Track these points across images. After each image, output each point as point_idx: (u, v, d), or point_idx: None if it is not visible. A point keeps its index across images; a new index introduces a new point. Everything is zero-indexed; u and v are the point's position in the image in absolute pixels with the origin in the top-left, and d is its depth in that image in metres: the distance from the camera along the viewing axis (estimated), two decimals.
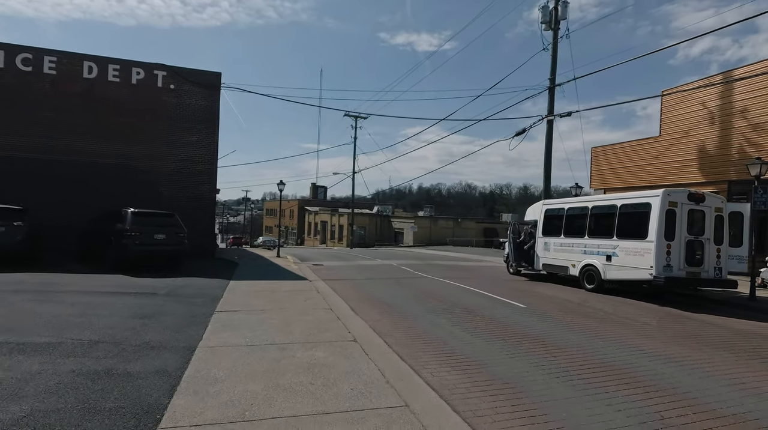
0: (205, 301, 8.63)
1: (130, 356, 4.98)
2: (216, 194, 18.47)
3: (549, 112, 19.98)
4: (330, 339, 6.20)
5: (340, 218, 55.16)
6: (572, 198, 14.03)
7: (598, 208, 12.62)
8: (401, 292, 11.22)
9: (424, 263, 19.89)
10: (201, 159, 17.42)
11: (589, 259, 12.45)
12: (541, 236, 14.66)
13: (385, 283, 12.95)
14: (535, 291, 12.06)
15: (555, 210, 14.41)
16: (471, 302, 9.84)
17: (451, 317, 8.22)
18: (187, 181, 17.26)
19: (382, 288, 11.85)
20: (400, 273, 15.64)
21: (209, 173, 17.56)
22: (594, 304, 10.16)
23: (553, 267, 14.00)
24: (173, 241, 12.56)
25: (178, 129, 17.09)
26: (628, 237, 11.33)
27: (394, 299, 10.05)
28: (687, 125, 17.08)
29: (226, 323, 6.90)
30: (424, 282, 13.29)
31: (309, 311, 8.08)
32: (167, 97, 16.93)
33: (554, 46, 19.89)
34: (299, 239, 67.90)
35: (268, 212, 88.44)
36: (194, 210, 17.29)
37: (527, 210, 16.30)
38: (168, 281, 10.97)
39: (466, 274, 16.22)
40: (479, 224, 55.03)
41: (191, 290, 9.76)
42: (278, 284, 11.61)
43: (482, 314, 8.59)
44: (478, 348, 6.18)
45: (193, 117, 17.27)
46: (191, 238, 16.17)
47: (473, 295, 10.98)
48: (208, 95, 17.43)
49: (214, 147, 17.58)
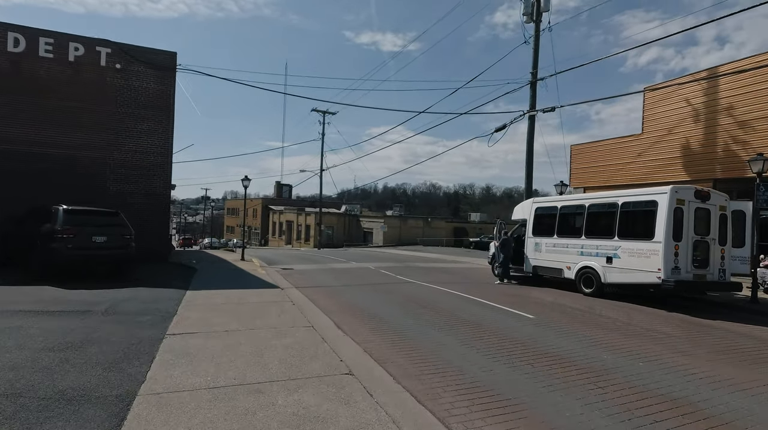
0: (153, 319, 6.95)
1: (30, 420, 3.37)
2: (171, 190, 16.43)
3: (531, 107, 19.25)
4: (319, 372, 4.79)
5: (307, 218, 53.13)
6: (566, 196, 13.24)
7: (595, 207, 11.80)
8: (388, 301, 9.89)
9: (403, 266, 18.66)
10: (153, 150, 15.34)
11: (586, 261, 11.61)
12: (532, 236, 13.75)
13: (367, 289, 11.58)
14: (531, 296, 11.06)
15: (547, 208, 13.54)
16: (470, 313, 8.65)
17: (456, 333, 6.98)
18: (138, 175, 15.16)
19: (366, 296, 10.47)
20: (380, 277, 14.30)
21: (163, 166, 15.51)
22: (602, 311, 9.24)
23: (545, 269, 13.11)
24: (117, 243, 10.63)
25: (127, 115, 14.96)
26: (632, 237, 10.53)
27: (382, 311, 8.70)
28: (671, 123, 16.77)
29: (181, 352, 5.32)
30: (409, 288, 12.02)
31: (286, 331, 6.60)
32: (113, 78, 14.75)
33: (536, 39, 19.18)
34: (263, 239, 65.14)
35: (230, 212, 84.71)
36: (146, 208, 15.23)
37: (515, 208, 15.39)
38: (109, 293, 9.11)
39: (449, 277, 15.11)
40: (449, 223, 54.57)
41: (137, 305, 8.00)
42: (245, 293, 9.99)
43: (489, 327, 7.40)
44: (505, 378, 4.96)
45: (144, 102, 15.18)
46: (142, 239, 14.17)
47: (468, 303, 9.82)
48: (162, 78, 15.38)
49: (169, 137, 15.56)
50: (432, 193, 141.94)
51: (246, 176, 18.56)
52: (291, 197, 75.39)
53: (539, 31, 19.18)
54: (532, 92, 19.27)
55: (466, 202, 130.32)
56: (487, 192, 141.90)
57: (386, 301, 9.85)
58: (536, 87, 19.24)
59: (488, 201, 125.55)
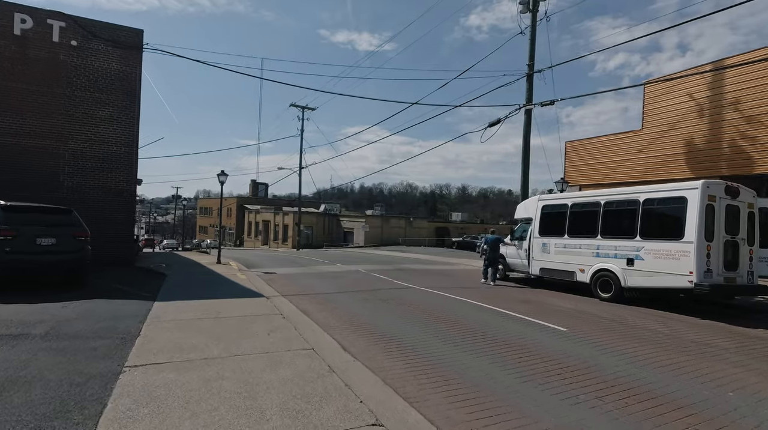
0: (109, 345, 5.45)
1: None
2: (137, 185, 14.61)
3: (527, 101, 18.35)
4: (336, 423, 3.49)
5: (285, 218, 51.19)
6: (578, 192, 12.30)
7: (612, 204, 10.86)
8: (394, 311, 8.61)
9: (395, 268, 17.39)
10: (116, 139, 13.53)
11: (603, 263, 10.66)
12: (538, 236, 12.75)
13: (366, 298, 10.26)
14: (547, 303, 10.01)
15: (555, 206, 12.55)
16: (494, 326, 7.47)
17: (492, 355, 5.77)
18: (97, 168, 13.33)
19: (367, 306, 9.15)
20: (375, 282, 12.99)
21: (127, 158, 13.71)
22: (635, 321, 8.24)
23: (554, 272, 12.12)
24: (68, 247, 8.93)
25: (84, 99, 13.11)
26: (657, 237, 9.62)
27: (391, 325, 7.41)
28: (673, 118, 16.16)
29: (143, 395, 3.91)
30: (412, 295, 10.77)
31: (281, 357, 5.24)
32: (68, 56, 12.87)
33: (533, 29, 18.30)
34: (238, 240, 62.64)
35: (202, 211, 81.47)
36: (107, 205, 13.42)
37: (518, 207, 14.39)
38: (54, 308, 7.47)
39: (448, 280, 13.95)
40: (431, 223, 53.71)
41: (89, 325, 6.44)
42: (225, 304, 8.51)
43: (525, 345, 6.23)
44: (586, 423, 3.77)
45: (104, 85, 13.35)
46: (102, 241, 12.44)
47: (486, 313, 8.65)
48: (126, 58, 13.57)
49: (134, 125, 13.77)
50: (408, 193, 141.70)
51: (222, 171, 16.90)
52: (267, 196, 72.98)
53: (536, 20, 18.31)
54: (529, 85, 18.38)
55: (443, 202, 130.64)
56: (463, 192, 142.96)
57: (392, 312, 8.56)
58: (533, 80, 18.37)
59: (464, 201, 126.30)
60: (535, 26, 18.30)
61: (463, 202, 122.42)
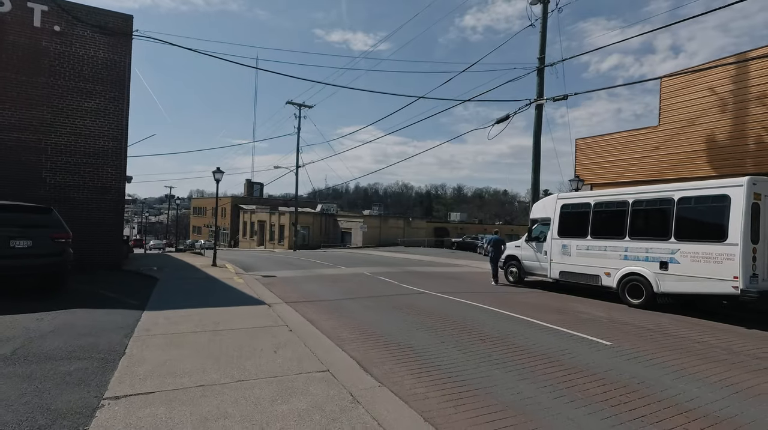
0: (86, 368, 4.57)
1: None
2: (126, 183, 13.64)
3: (538, 96, 17.57)
4: None
5: (281, 218, 50.16)
6: (602, 190, 11.52)
7: (642, 203, 10.07)
8: (410, 321, 7.75)
9: (400, 271, 16.53)
10: (103, 133, 12.56)
11: (632, 266, 9.88)
12: (557, 238, 11.95)
13: (376, 304, 9.40)
14: (577, 311, 9.20)
15: (576, 205, 11.77)
16: (529, 339, 6.64)
17: (533, 377, 4.93)
18: (83, 164, 12.35)
19: (379, 315, 8.29)
20: (383, 287, 12.12)
21: (115, 154, 12.74)
22: (679, 331, 7.45)
23: (576, 276, 11.32)
24: (47, 250, 7.99)
25: (68, 90, 12.13)
26: (695, 239, 8.84)
27: (412, 338, 6.55)
28: (693, 113, 15.43)
29: None
30: (425, 301, 9.92)
31: (293, 382, 4.38)
32: (50, 42, 11.89)
33: (543, 20, 17.53)
34: (233, 240, 61.50)
35: (196, 211, 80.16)
36: (94, 204, 12.46)
37: (534, 206, 13.59)
38: (28, 320, 6.55)
39: (460, 285, 13.13)
40: (430, 223, 52.91)
41: (65, 341, 5.53)
42: (222, 314, 7.61)
43: (575, 366, 5.40)
44: None
45: (90, 74, 12.38)
46: (88, 243, 11.53)
47: (514, 323, 7.81)
48: (114, 46, 12.60)
49: (122, 118, 12.80)
50: (404, 193, 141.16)
51: (218, 168, 15.96)
52: (262, 196, 71.86)
53: (547, 12, 17.55)
54: (540, 79, 17.61)
55: (439, 202, 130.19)
56: (458, 192, 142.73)
57: (407, 321, 7.71)
58: (544, 73, 17.60)
59: (460, 201, 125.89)
60: (546, 18, 17.54)
61: (459, 203, 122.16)
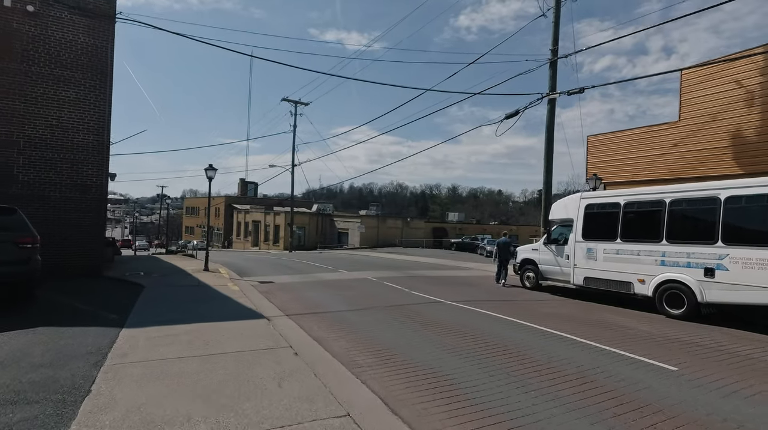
0: (35, 417, 3.48)
1: None
2: (110, 181, 12.49)
3: (551, 89, 16.63)
4: None
5: (276, 218, 48.93)
6: (632, 189, 10.56)
7: (682, 203, 9.12)
8: (433, 339, 6.72)
9: (406, 276, 15.49)
10: (83, 125, 11.39)
11: (671, 272, 8.92)
12: (581, 241, 10.99)
13: (390, 318, 8.35)
14: (610, 322, 8.23)
15: (603, 205, 10.80)
16: (588, 366, 5.63)
17: (618, 426, 3.91)
18: (60, 159, 11.18)
19: (396, 331, 7.24)
20: (392, 294, 11.06)
21: (96, 148, 11.58)
22: (742, 349, 6.48)
23: (604, 282, 10.36)
24: (8, 256, 6.86)
25: (43, 77, 10.96)
26: (747, 243, 7.89)
27: (442, 363, 5.52)
28: (716, 107, 14.56)
29: None
30: (443, 313, 8.89)
31: None
32: (23, 24, 10.70)
33: (557, 10, 16.60)
34: (226, 241, 60.13)
35: (189, 211, 78.59)
36: (72, 204, 11.29)
37: (553, 206, 12.61)
38: None
39: (475, 292, 12.12)
40: (428, 223, 51.91)
41: (12, 376, 4.43)
42: (214, 330, 6.53)
43: (651, 403, 4.39)
44: None
45: (69, 60, 11.21)
46: (64, 247, 10.41)
47: (558, 342, 6.80)
48: (95, 29, 11.44)
49: (105, 109, 11.64)
50: (399, 193, 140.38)
51: (210, 165, 14.83)
52: (257, 196, 70.50)
53: (560, 0, 16.61)
54: (552, 72, 16.67)
55: (435, 202, 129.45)
56: (453, 192, 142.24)
57: (429, 339, 6.67)
58: (557, 66, 16.67)
59: (455, 201, 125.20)
60: (560, 6, 16.60)
61: (454, 203, 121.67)
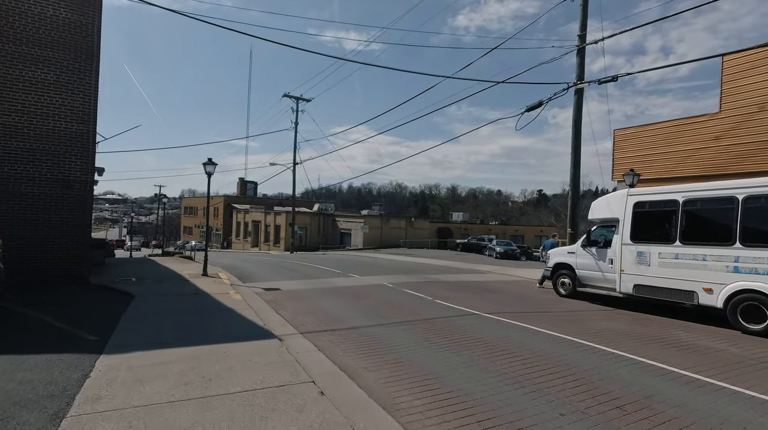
0: None
1: None
2: (97, 176, 11.15)
3: (578, 79, 15.35)
4: None
5: (276, 218, 47.57)
6: (693, 184, 9.30)
7: (761, 199, 7.83)
8: (487, 367, 5.43)
9: (424, 280, 14.19)
10: (64, 112, 10.07)
11: (748, 281, 7.66)
12: (630, 243, 9.71)
13: (423, 335, 7.06)
14: (680, 340, 6.96)
15: (656, 203, 9.53)
16: (694, 407, 4.35)
17: None
18: (37, 150, 9.86)
19: (438, 357, 5.94)
20: (418, 305, 9.74)
21: (81, 138, 10.25)
22: None
23: (658, 291, 9.08)
24: None
25: (19, 56, 9.63)
26: None
27: (508, 402, 4.23)
28: (763, 97, 13.30)
29: None
30: (488, 330, 7.60)
31: None
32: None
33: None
34: (225, 241, 58.74)
35: (187, 211, 77.15)
36: (51, 201, 9.97)
37: (593, 205, 11.32)
38: None
39: (506, 300, 10.85)
40: (433, 223, 50.62)
41: None
42: (215, 358, 5.24)
43: None
44: None
45: (48, 38, 9.89)
46: (41, 251, 9.14)
47: (634, 369, 5.52)
48: (79, 4, 10.11)
49: (90, 94, 10.32)
50: (398, 193, 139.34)
51: (210, 160, 13.51)
52: (256, 195, 69.10)
53: None
54: (580, 60, 15.40)
55: (434, 202, 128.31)
56: (453, 192, 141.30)
57: (480, 366, 5.39)
58: (585, 53, 15.40)
59: (455, 201, 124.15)
60: None
61: (454, 203, 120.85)
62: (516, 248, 33.29)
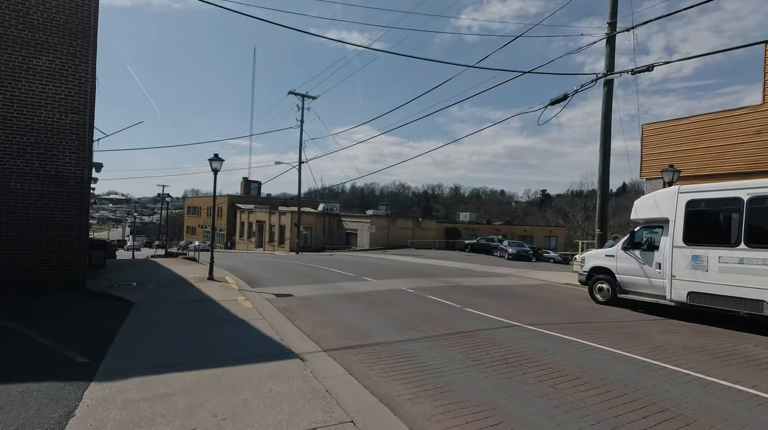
0: None
1: None
2: (93, 172, 10.26)
3: (608, 70, 14.39)
4: None
5: (281, 218, 46.70)
6: (757, 180, 8.32)
7: None
8: (548, 394, 4.50)
9: (445, 285, 13.24)
10: (58, 102, 9.19)
11: None
12: (683, 246, 8.75)
13: (464, 352, 6.13)
14: (751, 355, 6.01)
15: (714, 201, 8.57)
16: None
17: None
18: (29, 143, 8.98)
19: (491, 382, 5.01)
20: (447, 314, 8.78)
21: (76, 130, 9.37)
22: None
23: (718, 299, 8.12)
24: None
25: (10, 40, 8.76)
26: None
27: None
28: None
29: None
30: (528, 343, 6.66)
31: None
32: None
33: None
34: (229, 241, 57.95)
35: (190, 211, 76.43)
36: (43, 199, 9.10)
37: (636, 203, 10.33)
38: None
39: (539, 307, 9.90)
40: (440, 223, 49.59)
41: None
42: (226, 387, 4.34)
43: None
44: None
45: (41, 21, 9.02)
46: (31, 254, 8.27)
47: (734, 400, 4.59)
48: None
49: (87, 82, 9.44)
50: (401, 194, 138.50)
51: (216, 155, 12.62)
52: (260, 195, 68.28)
53: None
54: (610, 49, 14.44)
55: (438, 202, 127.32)
56: (456, 192, 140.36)
57: (541, 393, 4.46)
58: (615, 42, 14.43)
59: (458, 201, 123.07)
60: None
61: (457, 203, 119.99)
62: (528, 249, 32.39)
